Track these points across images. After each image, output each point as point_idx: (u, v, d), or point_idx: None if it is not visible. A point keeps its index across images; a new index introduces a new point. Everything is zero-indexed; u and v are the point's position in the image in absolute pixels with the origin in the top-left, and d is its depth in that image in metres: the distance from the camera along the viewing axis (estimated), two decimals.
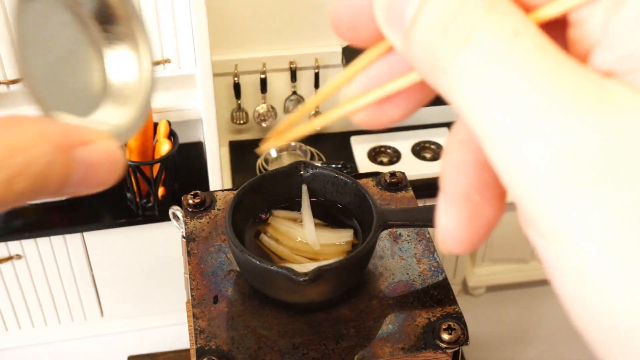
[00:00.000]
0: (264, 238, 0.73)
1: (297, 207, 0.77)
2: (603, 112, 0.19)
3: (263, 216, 0.76)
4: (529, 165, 0.19)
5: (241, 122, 1.72)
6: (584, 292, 0.19)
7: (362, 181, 0.85)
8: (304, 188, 0.76)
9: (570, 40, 0.22)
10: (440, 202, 0.24)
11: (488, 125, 0.20)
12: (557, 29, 0.23)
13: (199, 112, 1.47)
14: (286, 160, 1.71)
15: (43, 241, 1.52)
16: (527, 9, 0.22)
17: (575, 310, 0.20)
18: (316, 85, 1.67)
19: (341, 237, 0.74)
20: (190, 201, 0.80)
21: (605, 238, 0.18)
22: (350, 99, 0.27)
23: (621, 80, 0.20)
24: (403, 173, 0.85)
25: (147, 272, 1.63)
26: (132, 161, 1.40)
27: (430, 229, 0.79)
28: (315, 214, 0.76)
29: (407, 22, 0.22)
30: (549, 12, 0.22)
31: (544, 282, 1.92)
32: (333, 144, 1.76)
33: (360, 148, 1.70)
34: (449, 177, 0.25)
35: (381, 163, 1.67)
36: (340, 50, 1.65)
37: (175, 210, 0.78)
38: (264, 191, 0.75)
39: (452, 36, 0.21)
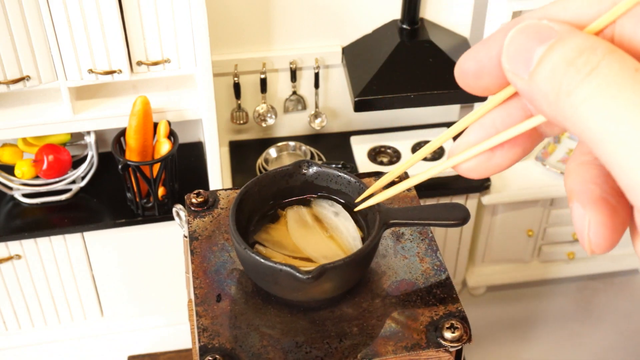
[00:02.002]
0: (259, 248, 0.73)
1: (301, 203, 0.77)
2: None
3: (269, 210, 0.76)
4: None
5: (241, 122, 1.72)
6: None
7: (364, 180, 0.85)
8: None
9: None
10: (576, 209, 0.28)
11: (611, 146, 0.23)
12: None
13: (199, 112, 1.47)
14: (286, 160, 1.71)
15: (43, 241, 1.52)
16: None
17: None
18: (316, 85, 1.67)
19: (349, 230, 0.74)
20: (194, 200, 0.80)
21: None
22: (464, 149, 0.30)
23: None
24: (405, 173, 0.86)
25: (147, 272, 1.63)
26: (132, 161, 1.40)
27: (432, 228, 0.79)
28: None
29: (535, 62, 0.26)
30: None
31: (544, 282, 1.93)
32: (333, 144, 1.76)
33: (360, 148, 1.70)
34: (582, 188, 0.28)
35: (381, 163, 1.67)
36: (340, 50, 1.65)
37: (179, 209, 0.78)
38: (267, 190, 0.76)
39: (579, 66, 0.25)
